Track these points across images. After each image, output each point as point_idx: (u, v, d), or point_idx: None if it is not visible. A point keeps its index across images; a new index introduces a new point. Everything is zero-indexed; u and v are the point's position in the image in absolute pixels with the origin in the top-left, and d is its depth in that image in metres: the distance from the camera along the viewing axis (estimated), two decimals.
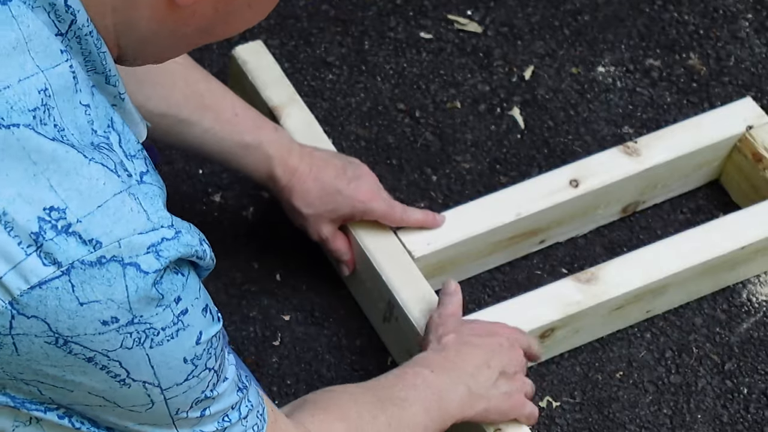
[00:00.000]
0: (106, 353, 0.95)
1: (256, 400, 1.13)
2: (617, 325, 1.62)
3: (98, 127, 0.96)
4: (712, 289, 1.66)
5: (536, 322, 1.53)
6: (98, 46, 0.97)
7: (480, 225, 1.60)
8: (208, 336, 1.01)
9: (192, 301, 0.98)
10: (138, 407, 1.00)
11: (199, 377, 1.02)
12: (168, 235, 0.95)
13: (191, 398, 1.03)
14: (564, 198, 1.63)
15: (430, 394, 1.35)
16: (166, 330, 0.96)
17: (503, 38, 1.91)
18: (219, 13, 0.98)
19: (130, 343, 0.95)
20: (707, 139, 1.68)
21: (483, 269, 1.67)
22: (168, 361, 0.98)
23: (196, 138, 1.50)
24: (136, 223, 0.93)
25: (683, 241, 1.61)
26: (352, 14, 1.93)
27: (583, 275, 1.56)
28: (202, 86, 1.49)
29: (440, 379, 1.37)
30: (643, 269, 1.58)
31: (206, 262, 1.00)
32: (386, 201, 1.57)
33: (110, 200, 0.93)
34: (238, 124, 1.51)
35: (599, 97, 1.86)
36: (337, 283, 1.66)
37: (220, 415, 1.08)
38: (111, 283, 0.92)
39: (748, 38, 1.92)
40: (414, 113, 1.83)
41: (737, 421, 1.57)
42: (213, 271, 1.66)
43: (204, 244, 0.99)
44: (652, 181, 1.69)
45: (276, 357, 1.61)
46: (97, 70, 0.98)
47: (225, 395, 1.07)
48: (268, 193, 1.74)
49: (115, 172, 0.94)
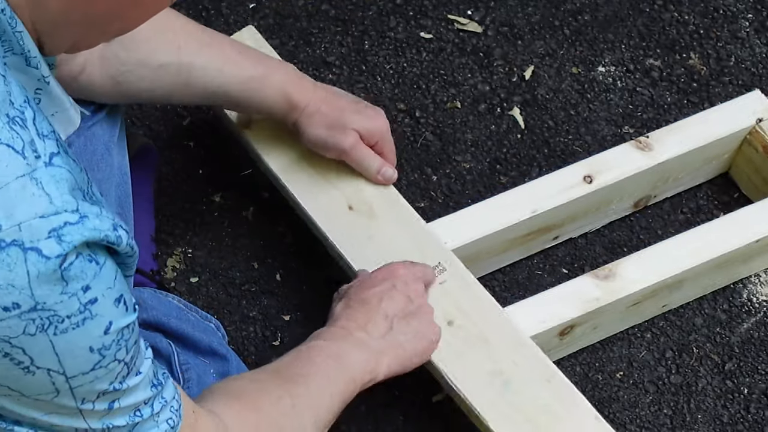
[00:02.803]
0: (8, 340, 0.93)
1: (171, 395, 1.11)
2: (634, 320, 1.63)
3: (15, 99, 0.93)
4: (725, 282, 1.67)
5: (556, 319, 1.53)
6: (13, 25, 0.94)
7: (496, 223, 1.61)
8: (119, 326, 0.99)
9: (104, 290, 0.96)
10: (43, 395, 0.98)
11: (107, 368, 1.00)
12: (71, 220, 0.92)
13: (98, 388, 1.01)
14: (578, 194, 1.63)
15: (330, 363, 1.34)
16: (71, 318, 0.94)
17: (503, 38, 1.91)
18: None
19: (33, 330, 0.93)
20: (718, 132, 1.69)
21: (498, 266, 1.68)
22: (73, 350, 0.96)
23: (213, 81, 1.47)
24: (38, 207, 0.91)
25: (698, 235, 1.62)
26: (352, 14, 1.93)
27: (600, 272, 1.57)
28: (194, 26, 1.48)
29: (336, 345, 1.37)
30: (659, 265, 1.59)
31: (123, 248, 0.97)
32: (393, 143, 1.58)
33: (12, 183, 0.90)
34: (245, 60, 1.50)
35: (599, 97, 1.86)
36: (337, 283, 1.66)
37: (131, 410, 1.06)
38: (11, 268, 0.90)
39: (749, 38, 1.92)
40: (414, 113, 1.83)
41: (737, 421, 1.57)
42: (213, 271, 1.68)
43: (119, 230, 0.96)
44: (664, 175, 1.70)
45: (276, 357, 1.61)
46: (15, 51, 0.96)
47: (137, 389, 1.05)
48: (268, 192, 1.74)
49: (21, 153, 0.91)
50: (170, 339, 1.47)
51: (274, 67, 1.52)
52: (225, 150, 1.78)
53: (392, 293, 1.43)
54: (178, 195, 1.74)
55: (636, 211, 1.74)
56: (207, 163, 1.77)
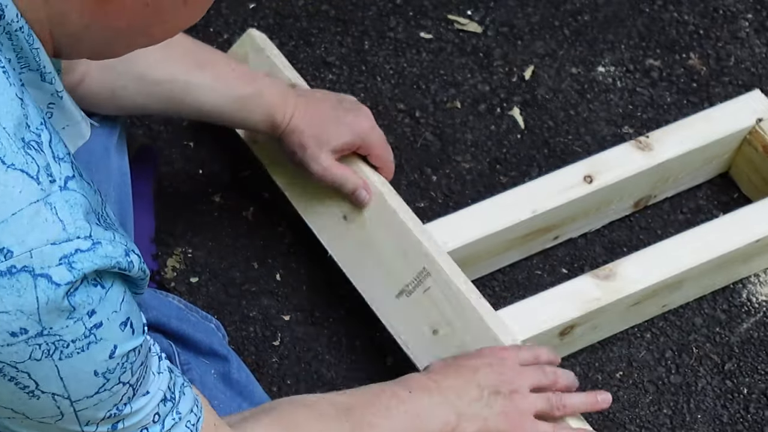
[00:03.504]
0: (15, 365, 0.93)
1: (188, 409, 1.09)
2: (634, 320, 1.63)
3: (32, 122, 0.93)
4: (726, 282, 1.67)
5: (557, 319, 1.53)
6: (30, 42, 0.94)
7: (496, 223, 1.61)
8: (124, 350, 0.98)
9: (109, 314, 0.95)
10: (47, 419, 0.98)
11: (111, 391, 0.99)
12: (83, 247, 0.92)
13: (102, 411, 1.00)
14: (579, 194, 1.64)
15: (405, 420, 1.31)
16: (76, 342, 0.94)
17: (503, 38, 1.91)
18: (150, 8, 0.95)
19: (39, 355, 0.93)
20: (718, 132, 1.69)
21: (498, 266, 1.68)
22: (77, 374, 0.96)
23: (207, 99, 1.49)
24: (50, 233, 0.91)
25: (698, 235, 1.62)
26: (352, 14, 1.93)
27: (601, 272, 1.57)
28: (188, 43, 1.49)
29: (419, 401, 1.33)
30: (660, 264, 1.59)
31: (135, 273, 0.97)
32: (382, 137, 1.57)
33: (25, 209, 0.90)
34: (236, 78, 1.51)
35: (599, 97, 1.86)
36: (337, 283, 1.66)
37: (137, 428, 1.05)
38: (21, 293, 0.90)
39: (748, 38, 1.92)
40: (414, 113, 1.83)
41: (737, 421, 1.57)
42: (213, 271, 1.68)
43: (131, 255, 0.96)
44: (664, 175, 1.70)
45: (276, 357, 1.61)
46: (30, 67, 0.96)
47: (143, 409, 1.04)
48: (268, 192, 1.74)
49: (35, 178, 0.91)
50: (170, 339, 1.47)
51: (263, 85, 1.53)
52: (225, 150, 1.78)
53: (488, 369, 1.39)
54: (178, 195, 1.74)
55: (636, 212, 1.74)
56: (207, 163, 1.77)
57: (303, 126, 1.54)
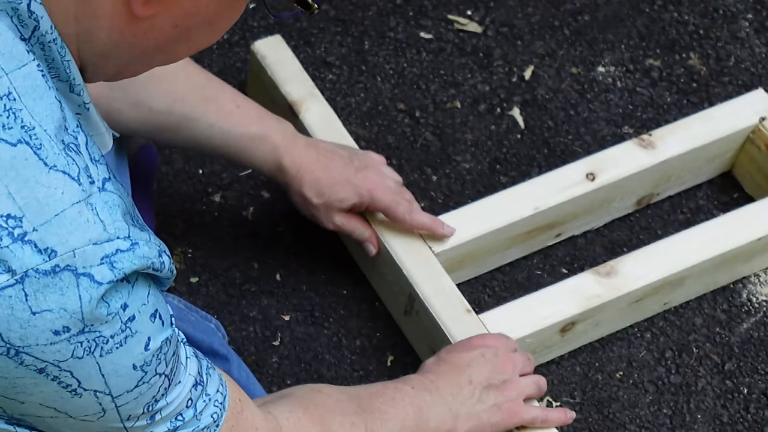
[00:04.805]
0: (58, 364, 0.94)
1: (215, 389, 1.12)
2: (635, 317, 1.64)
3: (69, 125, 0.95)
4: (727, 280, 1.68)
5: (557, 316, 1.54)
6: (62, 54, 0.96)
7: (499, 219, 1.61)
8: (158, 342, 1.00)
9: (139, 307, 0.98)
10: (90, 416, 1.00)
11: (150, 383, 1.01)
12: (123, 247, 0.94)
13: (142, 404, 1.02)
14: (581, 191, 1.64)
15: (410, 410, 1.35)
16: (114, 338, 0.96)
17: (503, 38, 1.91)
18: (179, 29, 0.97)
19: (80, 353, 0.95)
20: (721, 131, 1.70)
21: (501, 263, 1.69)
22: (117, 369, 0.98)
23: (202, 134, 1.49)
24: (92, 234, 0.93)
25: (700, 233, 1.62)
26: (352, 14, 1.93)
27: (602, 269, 1.57)
28: (201, 78, 1.48)
29: (421, 397, 1.38)
30: (661, 262, 1.59)
31: (165, 273, 0.99)
32: (393, 194, 1.56)
33: (68, 210, 0.92)
34: (241, 116, 1.50)
35: (599, 97, 1.86)
36: (337, 283, 1.66)
37: (173, 416, 1.07)
38: (64, 292, 0.92)
39: (748, 38, 1.92)
40: (414, 113, 1.83)
41: (737, 421, 1.57)
42: (213, 271, 1.68)
43: (163, 256, 0.98)
44: (667, 174, 1.70)
45: (276, 357, 1.61)
46: (61, 78, 0.97)
47: (177, 398, 1.06)
48: (268, 192, 1.74)
49: (76, 180, 0.94)
50: None
51: (269, 127, 1.52)
52: None
53: (480, 361, 1.43)
54: (178, 195, 1.74)
55: (636, 211, 1.74)
56: (207, 163, 1.77)
57: (312, 183, 1.53)
